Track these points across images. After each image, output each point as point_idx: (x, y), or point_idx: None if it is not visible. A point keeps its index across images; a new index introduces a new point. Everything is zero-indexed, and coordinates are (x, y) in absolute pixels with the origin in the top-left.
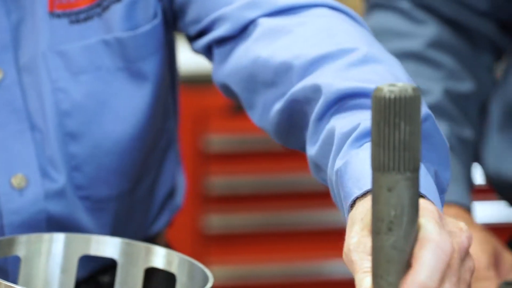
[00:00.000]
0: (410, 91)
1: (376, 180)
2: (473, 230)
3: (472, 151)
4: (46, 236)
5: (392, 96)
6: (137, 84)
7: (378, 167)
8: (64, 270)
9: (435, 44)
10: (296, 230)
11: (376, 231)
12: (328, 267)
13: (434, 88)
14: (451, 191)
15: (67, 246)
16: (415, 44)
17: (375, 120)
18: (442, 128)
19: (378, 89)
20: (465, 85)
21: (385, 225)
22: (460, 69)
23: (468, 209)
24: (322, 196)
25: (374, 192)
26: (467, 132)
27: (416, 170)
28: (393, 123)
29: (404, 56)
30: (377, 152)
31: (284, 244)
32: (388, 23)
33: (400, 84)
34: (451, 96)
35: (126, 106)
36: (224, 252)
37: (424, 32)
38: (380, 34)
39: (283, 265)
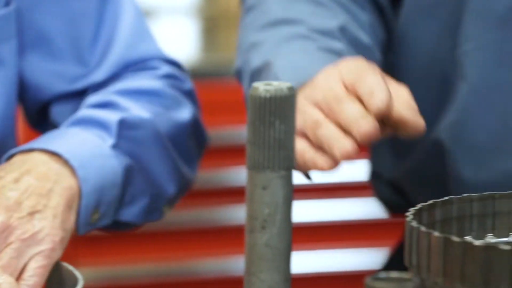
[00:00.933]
0: (285, 90)
1: (251, 178)
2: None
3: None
4: None
5: (268, 95)
6: None
7: (253, 165)
8: None
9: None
10: (168, 229)
11: (250, 229)
12: (201, 267)
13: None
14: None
15: None
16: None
17: (251, 119)
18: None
19: (254, 88)
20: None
21: (259, 223)
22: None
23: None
24: (194, 195)
25: (249, 190)
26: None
27: (290, 169)
28: (268, 122)
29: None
30: (252, 150)
31: (155, 244)
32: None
33: (275, 83)
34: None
35: None
36: (94, 253)
37: None
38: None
39: (155, 265)
